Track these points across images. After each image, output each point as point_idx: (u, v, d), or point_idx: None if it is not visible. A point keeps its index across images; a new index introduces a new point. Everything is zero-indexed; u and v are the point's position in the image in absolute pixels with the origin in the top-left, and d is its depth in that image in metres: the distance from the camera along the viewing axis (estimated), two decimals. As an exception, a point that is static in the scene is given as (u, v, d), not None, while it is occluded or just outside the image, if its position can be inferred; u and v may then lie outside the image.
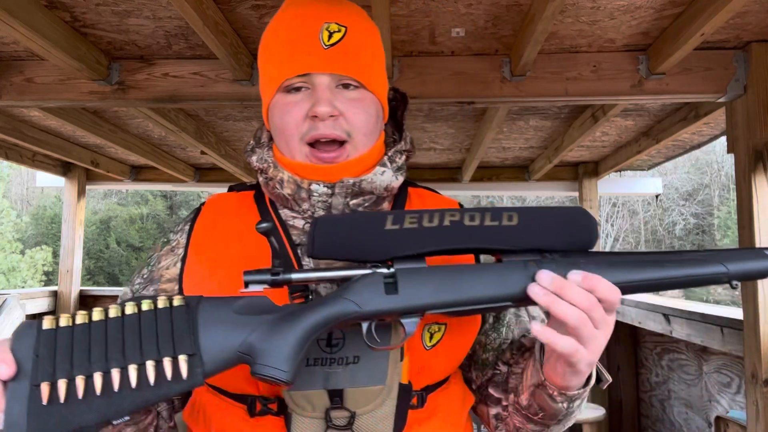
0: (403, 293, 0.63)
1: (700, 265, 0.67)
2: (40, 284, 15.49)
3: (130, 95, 2.01)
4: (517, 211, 0.66)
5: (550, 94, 1.93)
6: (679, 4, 1.60)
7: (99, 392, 0.56)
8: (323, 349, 0.71)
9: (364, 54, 0.80)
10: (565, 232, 0.66)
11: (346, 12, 0.80)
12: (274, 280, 0.63)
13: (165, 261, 0.84)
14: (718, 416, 2.36)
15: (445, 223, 0.65)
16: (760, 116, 1.81)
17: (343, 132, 0.77)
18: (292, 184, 0.79)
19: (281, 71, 0.78)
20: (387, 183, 0.80)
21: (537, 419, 0.77)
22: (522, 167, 3.96)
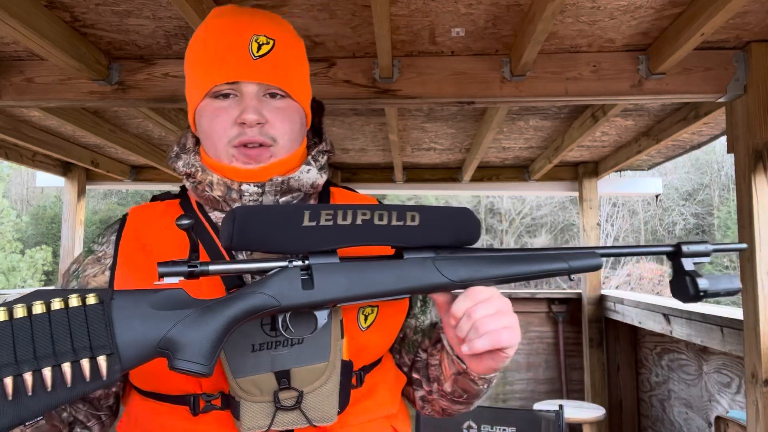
0: (318, 288, 0.68)
1: (549, 262, 0.79)
2: (40, 284, 15.48)
3: (130, 95, 2.01)
4: (419, 212, 0.74)
5: (550, 94, 1.93)
6: (679, 4, 1.60)
7: (10, 395, 0.54)
8: (268, 334, 0.74)
9: (290, 66, 0.85)
10: (455, 230, 0.76)
11: (273, 26, 0.85)
12: (190, 272, 0.64)
13: (91, 269, 0.84)
14: (718, 416, 2.36)
15: (358, 222, 0.70)
16: (760, 116, 1.81)
17: (269, 138, 0.82)
18: (222, 186, 0.82)
19: (210, 77, 0.81)
20: (313, 180, 0.87)
21: (461, 400, 0.87)
22: (522, 167, 3.96)
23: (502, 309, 0.73)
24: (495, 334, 0.71)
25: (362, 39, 1.82)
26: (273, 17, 0.87)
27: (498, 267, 0.77)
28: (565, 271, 0.80)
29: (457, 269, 0.74)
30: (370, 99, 1.95)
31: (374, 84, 1.94)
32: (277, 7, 1.62)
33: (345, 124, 2.88)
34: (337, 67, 1.95)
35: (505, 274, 0.77)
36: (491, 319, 0.72)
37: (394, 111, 2.44)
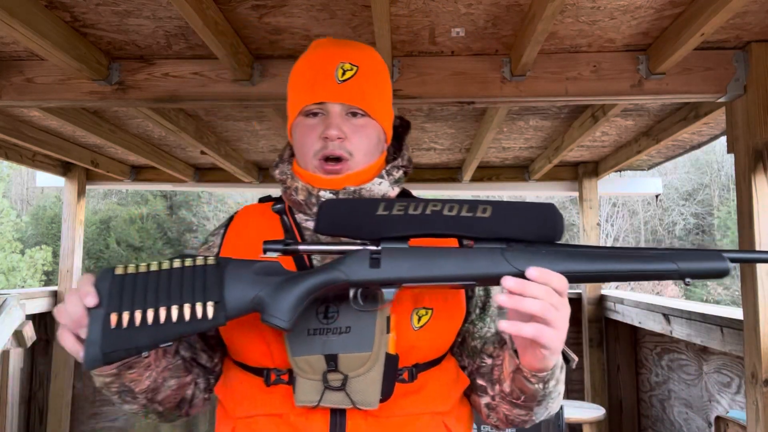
0: (384, 268, 0.77)
1: (651, 262, 0.75)
2: (40, 284, 15.49)
3: (130, 95, 2.01)
4: (492, 205, 0.77)
5: (550, 94, 1.93)
6: (679, 4, 1.60)
7: (150, 323, 0.75)
8: (321, 321, 0.86)
9: (370, 89, 0.98)
10: (533, 225, 0.77)
11: (359, 54, 0.99)
12: (285, 249, 0.80)
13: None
14: (718, 416, 2.36)
15: (427, 212, 0.77)
16: (760, 116, 1.81)
17: (346, 152, 0.95)
18: (304, 191, 0.96)
19: (303, 98, 0.97)
20: (383, 192, 0.97)
21: (520, 403, 0.90)
22: (522, 167, 3.96)
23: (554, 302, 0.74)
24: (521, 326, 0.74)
25: (362, 39, 1.82)
26: (361, 47, 1.01)
27: (578, 262, 0.75)
28: (673, 273, 0.76)
29: (528, 261, 0.75)
30: (370, 99, 1.95)
31: (374, 84, 1.94)
32: (277, 7, 1.63)
33: (345, 124, 2.88)
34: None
35: (586, 271, 0.76)
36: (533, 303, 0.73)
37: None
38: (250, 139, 3.19)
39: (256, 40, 1.86)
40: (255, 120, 2.81)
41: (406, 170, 1.02)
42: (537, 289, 0.73)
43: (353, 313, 0.84)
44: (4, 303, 3.00)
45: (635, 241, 20.15)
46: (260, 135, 3.11)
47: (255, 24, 1.73)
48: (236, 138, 3.18)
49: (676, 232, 20.36)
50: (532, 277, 0.74)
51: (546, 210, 0.77)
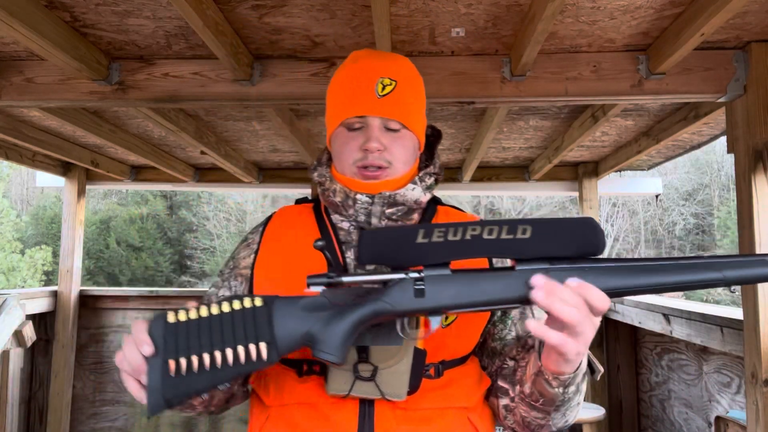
0: (428, 297, 0.77)
1: (696, 272, 0.75)
2: (40, 284, 15.48)
3: (130, 95, 2.01)
4: (531, 224, 0.77)
5: (550, 94, 1.93)
6: (679, 4, 1.60)
7: (207, 367, 0.77)
8: None
9: (408, 102, 1.03)
10: (573, 242, 0.77)
11: (398, 68, 1.04)
12: (329, 282, 0.82)
13: (243, 252, 1.08)
14: (718, 416, 2.36)
15: (467, 237, 0.78)
16: (760, 116, 1.81)
17: (386, 161, 1.01)
18: (341, 193, 1.02)
19: (344, 110, 1.02)
20: (416, 197, 1.02)
21: (538, 405, 0.91)
22: (522, 167, 3.96)
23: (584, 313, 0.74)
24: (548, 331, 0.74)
25: (362, 39, 1.82)
26: (399, 61, 1.07)
27: (622, 277, 0.75)
28: (719, 281, 0.75)
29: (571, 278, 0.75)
30: (370, 99, 1.95)
31: (374, 84, 1.94)
32: (277, 7, 1.63)
33: (345, 124, 2.88)
34: (337, 67, 1.95)
35: (630, 286, 0.75)
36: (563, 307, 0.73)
37: (394, 111, 2.44)
38: (250, 139, 3.19)
39: (256, 40, 1.86)
40: (255, 120, 2.81)
41: (438, 177, 1.07)
42: (569, 295, 0.73)
43: None
44: (4, 303, 3.00)
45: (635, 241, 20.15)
46: (260, 135, 3.11)
47: (255, 24, 1.73)
48: (236, 138, 3.18)
49: (676, 232, 20.36)
50: (570, 286, 0.74)
51: (585, 225, 0.77)
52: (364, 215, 1.01)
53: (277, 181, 4.06)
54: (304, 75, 1.97)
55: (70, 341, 3.77)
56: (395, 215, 1.02)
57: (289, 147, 3.37)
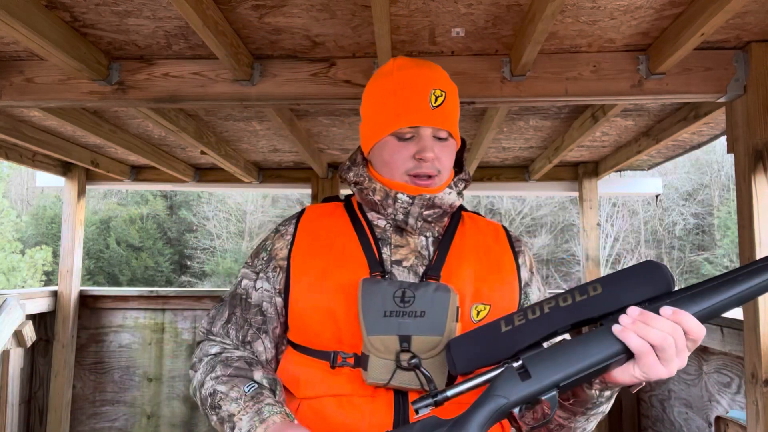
0: (535, 377, 0.77)
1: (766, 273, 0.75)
2: (40, 284, 15.48)
3: (130, 95, 2.01)
4: (600, 282, 0.79)
5: (550, 94, 1.93)
6: (679, 4, 1.60)
7: None
8: (398, 304, 0.92)
9: (454, 112, 1.08)
10: (644, 285, 0.77)
11: (444, 79, 1.09)
12: (435, 401, 0.80)
13: (278, 244, 1.10)
14: (718, 416, 2.36)
15: (546, 311, 0.79)
16: (760, 116, 1.81)
17: (436, 170, 1.04)
18: (382, 192, 1.05)
19: (398, 120, 1.03)
20: (452, 201, 1.07)
21: (567, 405, 0.92)
22: (522, 167, 3.96)
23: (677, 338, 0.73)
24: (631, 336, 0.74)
25: (362, 39, 1.82)
26: (442, 71, 1.10)
27: (705, 300, 0.75)
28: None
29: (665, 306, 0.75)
30: (370, 99, 1.95)
31: (374, 84, 1.94)
32: (277, 7, 1.63)
33: (345, 124, 2.88)
34: (337, 67, 1.96)
35: (718, 302, 0.75)
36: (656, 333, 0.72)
37: (394, 111, 2.44)
38: (250, 139, 3.19)
39: (256, 40, 1.86)
40: (255, 120, 2.81)
41: (467, 182, 1.12)
42: (664, 323, 0.73)
43: (429, 299, 0.92)
44: (4, 303, 3.00)
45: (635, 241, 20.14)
46: (260, 135, 3.11)
47: (255, 24, 1.73)
48: (236, 138, 3.18)
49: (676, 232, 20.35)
50: (664, 315, 0.74)
51: (648, 267, 0.78)
52: (402, 215, 1.03)
53: (277, 181, 4.06)
54: (304, 75, 1.97)
55: (70, 341, 3.77)
56: (431, 217, 1.05)
57: (289, 147, 3.37)
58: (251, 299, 1.07)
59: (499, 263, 1.07)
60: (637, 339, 0.73)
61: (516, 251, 1.12)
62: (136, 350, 3.96)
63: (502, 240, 1.13)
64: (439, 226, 1.09)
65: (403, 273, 1.01)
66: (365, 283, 0.95)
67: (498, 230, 1.15)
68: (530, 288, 1.10)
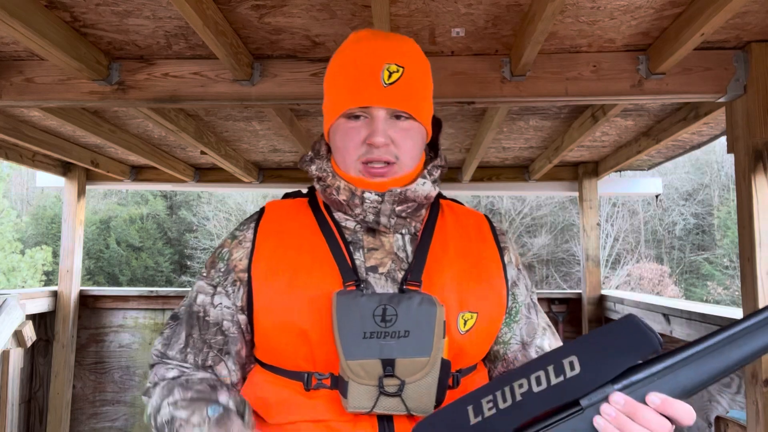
0: None
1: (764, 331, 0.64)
2: (40, 284, 15.48)
3: (130, 95, 2.01)
4: (575, 354, 0.67)
5: (550, 94, 1.93)
6: (679, 4, 1.60)
7: None
8: (378, 324, 0.82)
9: (416, 90, 0.93)
10: (628, 353, 0.66)
11: (404, 52, 0.94)
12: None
13: (236, 254, 0.97)
14: (718, 416, 2.36)
15: (518, 398, 0.68)
16: (760, 116, 1.81)
17: (393, 156, 0.92)
18: (347, 191, 0.93)
19: (345, 101, 0.92)
20: (427, 192, 0.95)
21: None
22: (522, 167, 3.96)
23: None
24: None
25: (362, 39, 1.82)
26: (404, 43, 0.95)
27: (697, 369, 0.65)
28: None
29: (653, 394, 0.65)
30: (370, 99, 1.95)
31: (374, 84, 1.94)
32: (277, 7, 1.63)
33: (345, 124, 2.88)
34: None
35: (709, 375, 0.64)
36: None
37: (394, 111, 2.44)
38: (250, 139, 3.19)
39: (256, 40, 1.86)
40: (255, 120, 2.81)
41: (443, 169, 1.00)
42: (652, 419, 0.63)
43: (413, 316, 0.82)
44: (4, 303, 3.00)
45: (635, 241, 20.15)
46: (260, 135, 3.11)
47: (255, 24, 1.73)
48: (236, 138, 3.18)
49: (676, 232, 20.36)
50: (652, 405, 0.64)
51: (629, 327, 0.66)
52: (372, 214, 0.92)
53: (277, 181, 4.06)
54: (304, 75, 1.97)
55: (70, 341, 3.77)
56: (405, 212, 0.94)
57: (289, 147, 3.37)
58: (209, 317, 0.94)
59: (484, 263, 0.97)
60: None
61: (501, 247, 1.01)
62: (136, 350, 3.96)
63: (486, 235, 1.02)
64: (416, 221, 0.97)
65: (379, 281, 0.90)
66: (340, 298, 0.83)
67: (480, 222, 1.04)
68: (517, 288, 1.00)
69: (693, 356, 0.65)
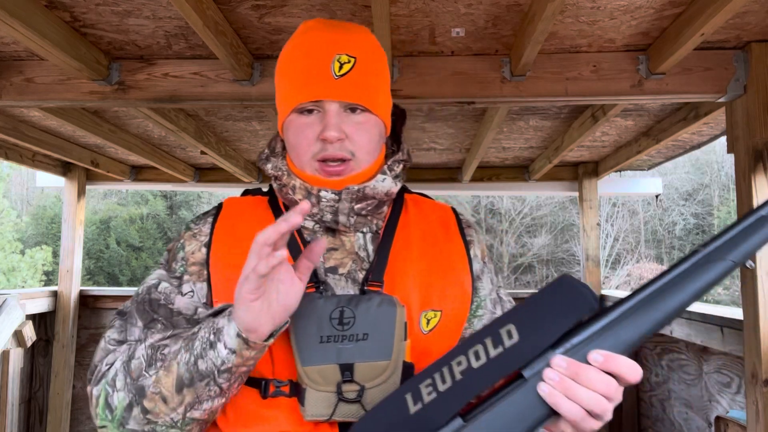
0: None
1: (706, 271, 0.64)
2: (40, 284, 15.48)
3: (130, 95, 2.01)
4: (512, 322, 0.65)
5: (550, 94, 1.93)
6: (679, 4, 1.60)
7: None
8: (335, 327, 0.78)
9: (370, 81, 0.89)
10: (565, 315, 0.64)
11: (356, 42, 0.89)
12: None
13: (189, 246, 0.91)
14: (718, 416, 2.36)
15: (458, 378, 0.65)
16: (760, 116, 1.81)
17: (348, 152, 0.87)
18: (303, 190, 0.88)
19: (296, 96, 0.88)
20: (387, 189, 0.90)
21: None
22: (522, 167, 3.96)
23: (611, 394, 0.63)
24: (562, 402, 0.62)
25: (362, 39, 1.82)
26: (356, 32, 0.91)
27: (638, 323, 0.64)
28: (732, 268, 0.64)
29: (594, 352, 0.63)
30: (370, 99, 1.95)
31: (374, 84, 1.94)
32: (277, 7, 1.63)
33: (345, 124, 2.88)
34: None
35: (650, 328, 0.64)
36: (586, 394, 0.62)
37: (394, 111, 2.44)
38: (250, 139, 3.19)
39: (256, 40, 1.86)
40: (255, 120, 2.81)
41: (406, 164, 0.96)
42: (596, 378, 0.62)
43: (372, 318, 0.78)
44: (4, 303, 3.00)
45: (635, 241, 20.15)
46: (260, 135, 3.11)
47: (255, 24, 1.73)
48: (236, 138, 3.18)
49: (676, 232, 20.36)
50: (595, 363, 0.62)
51: (563, 288, 0.65)
52: (330, 214, 0.87)
53: (277, 181, 4.06)
54: (304, 75, 1.97)
55: (70, 341, 3.77)
56: (365, 210, 0.89)
57: (289, 147, 3.37)
58: (173, 305, 0.86)
59: (449, 259, 0.93)
60: (569, 404, 0.62)
61: (467, 241, 0.97)
62: (136, 350, 3.95)
63: (452, 228, 0.98)
64: (377, 219, 0.93)
65: (339, 282, 0.86)
66: None
67: (446, 215, 1.00)
68: (480, 282, 0.95)
69: (631, 309, 0.64)
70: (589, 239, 3.93)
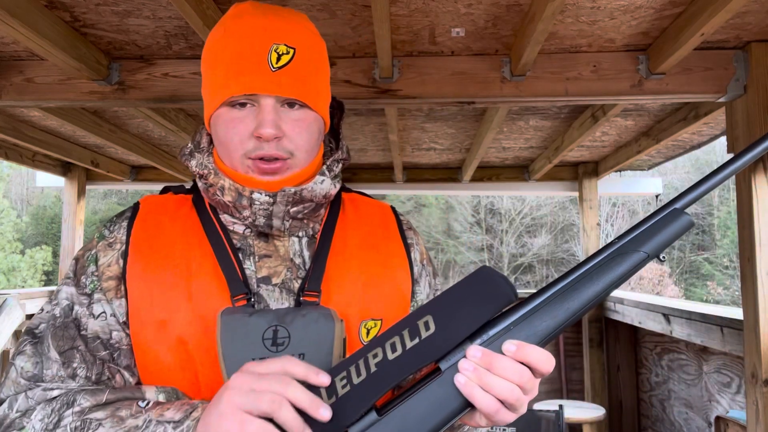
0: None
1: (618, 264, 0.65)
2: (40, 284, 15.49)
3: (130, 95, 2.01)
4: (430, 313, 0.64)
5: (550, 94, 1.93)
6: (679, 4, 1.60)
7: None
8: (269, 349, 0.72)
9: (310, 75, 0.81)
10: (482, 305, 0.63)
11: (295, 31, 0.81)
12: None
13: (104, 258, 0.81)
14: (718, 416, 2.36)
15: (373, 370, 0.63)
16: (760, 116, 1.81)
17: (286, 152, 0.79)
18: (233, 191, 0.80)
19: (227, 87, 0.79)
20: (326, 191, 0.84)
21: None
22: (522, 167, 3.96)
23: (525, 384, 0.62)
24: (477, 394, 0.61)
25: (362, 39, 1.82)
26: (295, 20, 0.84)
27: (553, 314, 0.64)
28: (645, 260, 0.66)
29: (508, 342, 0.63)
30: (370, 99, 1.95)
31: (374, 84, 1.94)
32: (277, 7, 1.63)
33: (345, 124, 2.88)
34: (337, 67, 1.96)
35: (566, 318, 0.64)
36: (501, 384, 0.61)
37: (394, 111, 2.45)
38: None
39: (256, 40, 1.86)
40: (255, 120, 2.81)
41: (345, 162, 0.89)
42: (509, 367, 0.61)
43: (308, 336, 0.72)
44: (4, 303, 3.00)
45: (635, 241, 20.11)
46: (260, 135, 3.11)
47: (255, 24, 1.73)
48: (236, 138, 3.18)
49: (676, 232, 20.33)
50: (508, 354, 0.62)
51: (480, 280, 0.64)
52: (264, 218, 0.80)
53: (277, 181, 4.06)
54: (304, 75, 1.97)
55: (70, 341, 3.77)
56: (301, 213, 0.83)
57: (289, 147, 3.37)
58: (86, 331, 0.77)
59: (389, 262, 0.87)
60: (483, 395, 0.61)
61: (408, 244, 0.91)
62: (136, 350, 3.95)
63: (392, 230, 0.92)
64: (314, 222, 0.86)
65: (273, 293, 0.79)
66: (224, 318, 0.72)
67: (386, 216, 0.94)
68: (418, 286, 0.90)
69: (547, 301, 0.65)
70: (589, 239, 3.93)
